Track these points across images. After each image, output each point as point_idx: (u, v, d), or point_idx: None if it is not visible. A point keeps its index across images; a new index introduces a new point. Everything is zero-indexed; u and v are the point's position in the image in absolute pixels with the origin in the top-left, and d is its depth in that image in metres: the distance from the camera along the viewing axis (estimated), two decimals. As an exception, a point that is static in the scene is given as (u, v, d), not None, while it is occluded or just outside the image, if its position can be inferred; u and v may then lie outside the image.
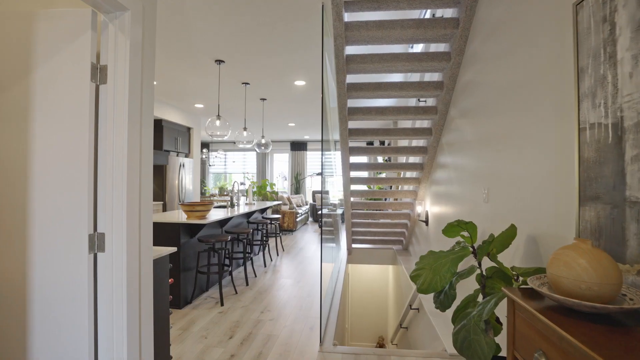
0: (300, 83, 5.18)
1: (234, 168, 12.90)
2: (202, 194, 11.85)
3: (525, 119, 1.77)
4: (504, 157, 2.04)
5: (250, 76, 4.88)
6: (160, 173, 6.65)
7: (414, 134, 3.69)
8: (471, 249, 1.66)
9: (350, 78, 4.66)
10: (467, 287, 2.48)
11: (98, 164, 1.61)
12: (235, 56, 4.13)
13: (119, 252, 1.59)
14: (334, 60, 3.17)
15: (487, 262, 1.71)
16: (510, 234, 1.65)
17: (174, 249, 2.19)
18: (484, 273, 1.62)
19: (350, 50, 4.12)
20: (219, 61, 4.26)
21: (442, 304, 1.65)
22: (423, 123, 4.49)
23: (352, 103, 5.93)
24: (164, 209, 6.61)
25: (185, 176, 7.27)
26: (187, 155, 7.66)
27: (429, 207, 4.04)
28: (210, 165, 12.55)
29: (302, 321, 3.31)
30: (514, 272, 1.49)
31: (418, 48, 4.57)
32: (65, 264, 1.55)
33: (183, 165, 7.18)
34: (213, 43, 3.76)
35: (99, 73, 1.61)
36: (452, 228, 1.65)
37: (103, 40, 1.62)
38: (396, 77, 5.19)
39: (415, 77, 4.84)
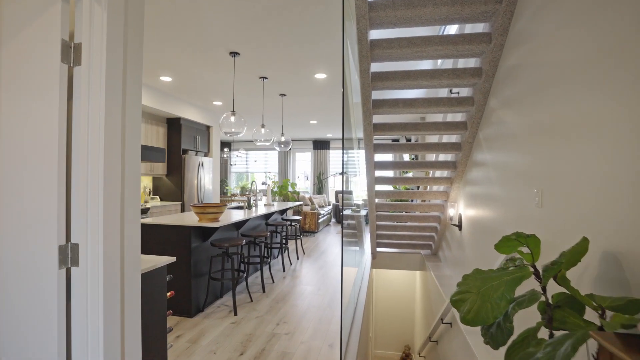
0: (321, 76, 4.87)
1: (256, 167, 12.75)
2: (224, 193, 11.77)
3: (601, 102, 1.38)
4: (565, 152, 1.65)
5: (268, 70, 4.61)
6: (178, 172, 6.51)
7: (446, 128, 3.30)
8: (532, 269, 1.29)
9: (375, 67, 4.32)
10: (522, 314, 2.08)
11: (72, 162, 1.35)
12: (251, 47, 3.86)
13: (95, 267, 1.32)
14: (356, 47, 2.84)
15: (552, 287, 1.33)
16: (580, 249, 1.27)
17: (172, 259, 1.92)
18: (550, 301, 1.25)
19: (375, 34, 3.78)
20: (234, 53, 4.00)
21: (494, 339, 1.29)
22: (455, 117, 4.08)
23: (376, 95, 5.56)
24: (182, 210, 6.46)
25: (204, 176, 7.11)
26: (206, 155, 7.50)
27: (462, 210, 3.63)
28: (231, 165, 12.45)
29: (321, 336, 2.99)
30: (595, 304, 1.11)
31: (450, 32, 4.16)
32: (31, 281, 1.29)
33: (202, 165, 7.01)
34: (226, 33, 3.50)
35: (72, 53, 1.34)
36: (509, 242, 1.29)
37: (77, 13, 1.35)
38: (425, 66, 4.79)
39: (446, 65, 4.43)
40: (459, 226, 3.67)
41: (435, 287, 4.33)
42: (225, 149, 11.44)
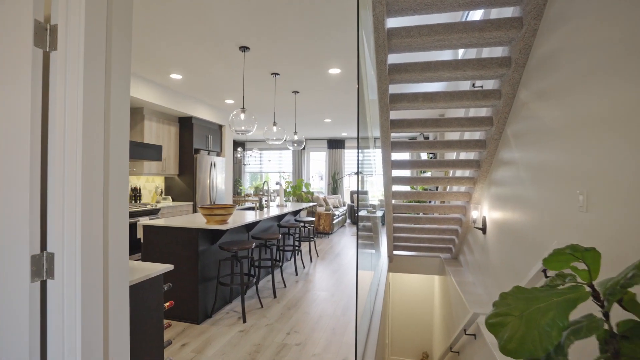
0: (335, 71, 4.66)
1: (270, 167, 12.62)
2: (238, 193, 11.68)
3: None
4: (619, 148, 1.41)
5: (279, 65, 4.43)
6: (190, 172, 6.40)
7: (470, 124, 3.05)
8: (589, 289, 1.05)
9: (393, 58, 4.08)
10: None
11: (48, 160, 1.19)
12: (261, 41, 3.68)
13: (72, 279, 1.15)
14: (372, 39, 2.63)
15: (616, 312, 1.07)
16: (646, 264, 1.03)
17: (169, 267, 1.75)
18: (615, 330, 1.02)
19: (393, 22, 3.54)
20: (244, 48, 3.83)
21: (541, 374, 1.06)
22: (479, 112, 3.81)
23: (393, 90, 5.31)
24: (194, 210, 6.35)
25: (216, 176, 6.99)
26: (218, 154, 7.39)
27: (487, 212, 3.37)
28: (245, 165, 12.35)
29: (335, 349, 2.79)
30: (678, 338, 0.88)
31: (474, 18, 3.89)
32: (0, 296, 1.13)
33: (214, 165, 6.90)
34: (235, 25, 3.33)
35: (48, 36, 1.18)
36: (561, 257, 1.06)
37: (53, -10, 1.19)
38: (446, 58, 4.51)
39: (469, 56, 4.15)
40: (483, 229, 3.41)
41: (456, 293, 4.07)
42: (239, 149, 11.35)
